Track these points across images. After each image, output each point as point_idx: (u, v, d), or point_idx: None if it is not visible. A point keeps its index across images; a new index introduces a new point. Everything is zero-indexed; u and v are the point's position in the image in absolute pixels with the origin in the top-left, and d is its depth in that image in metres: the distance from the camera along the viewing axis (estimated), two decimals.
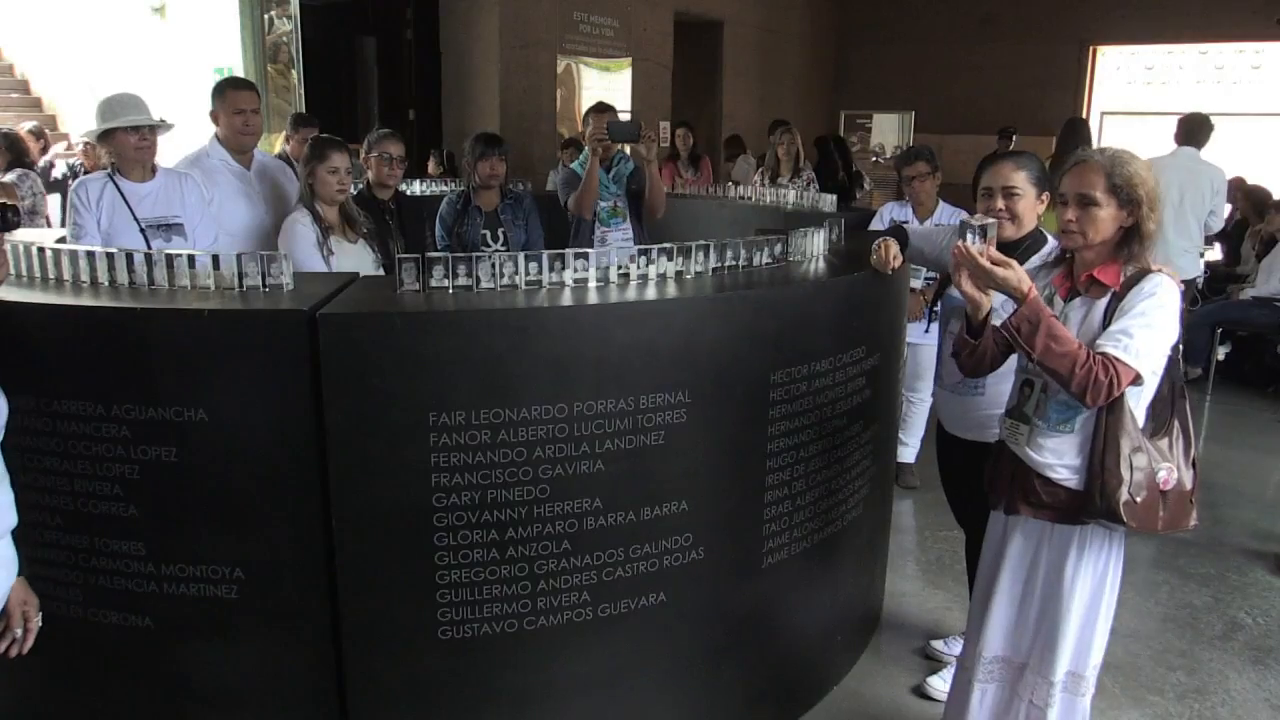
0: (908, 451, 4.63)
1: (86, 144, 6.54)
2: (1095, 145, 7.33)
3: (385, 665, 2.25)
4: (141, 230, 3.29)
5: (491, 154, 4.01)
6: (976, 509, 2.92)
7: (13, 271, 2.38)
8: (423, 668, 2.26)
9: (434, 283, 2.25)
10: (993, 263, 2.05)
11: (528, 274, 2.31)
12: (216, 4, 7.69)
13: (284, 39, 7.86)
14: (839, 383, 2.67)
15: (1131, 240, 2.12)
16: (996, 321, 2.14)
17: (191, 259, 2.33)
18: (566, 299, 2.26)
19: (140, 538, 2.17)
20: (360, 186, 3.84)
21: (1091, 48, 11.68)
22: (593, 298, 2.28)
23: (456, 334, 2.13)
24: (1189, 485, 2.16)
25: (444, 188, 5.27)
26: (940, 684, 2.98)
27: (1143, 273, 2.10)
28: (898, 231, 2.96)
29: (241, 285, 2.29)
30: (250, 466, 2.13)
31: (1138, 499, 2.07)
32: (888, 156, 11.92)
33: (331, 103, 8.32)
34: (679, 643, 2.51)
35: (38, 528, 2.13)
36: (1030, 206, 2.68)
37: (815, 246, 2.89)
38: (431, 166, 7.70)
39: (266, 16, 7.73)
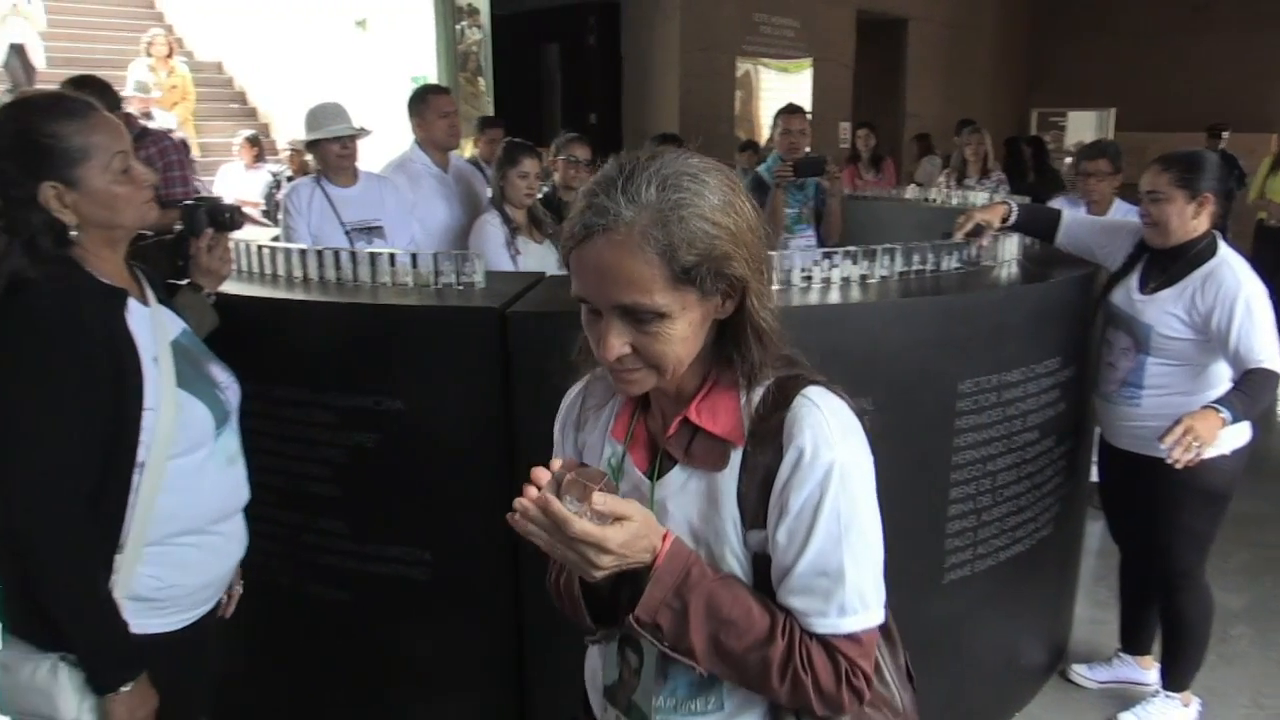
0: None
1: (293, 151, 7.03)
2: None
3: (562, 649, 2.31)
4: (346, 233, 3.49)
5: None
6: (1133, 525, 2.85)
7: (236, 267, 2.59)
8: None
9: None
10: (599, 516, 1.08)
11: None
12: (414, 17, 8.12)
13: (474, 48, 8.23)
14: (1030, 394, 2.54)
15: (733, 344, 1.11)
16: None
17: (392, 257, 2.47)
18: None
19: (344, 517, 2.32)
20: (547, 189, 3.94)
21: None
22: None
23: None
24: (912, 709, 1.34)
25: None
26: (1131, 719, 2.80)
27: (781, 402, 1.10)
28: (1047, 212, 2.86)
29: (437, 282, 2.40)
30: (442, 454, 2.23)
31: None
32: None
33: (517, 107, 8.63)
34: None
35: (255, 504, 2.31)
36: (1179, 212, 2.49)
37: (1007, 251, 2.77)
38: None
39: (459, 27, 8.11)
